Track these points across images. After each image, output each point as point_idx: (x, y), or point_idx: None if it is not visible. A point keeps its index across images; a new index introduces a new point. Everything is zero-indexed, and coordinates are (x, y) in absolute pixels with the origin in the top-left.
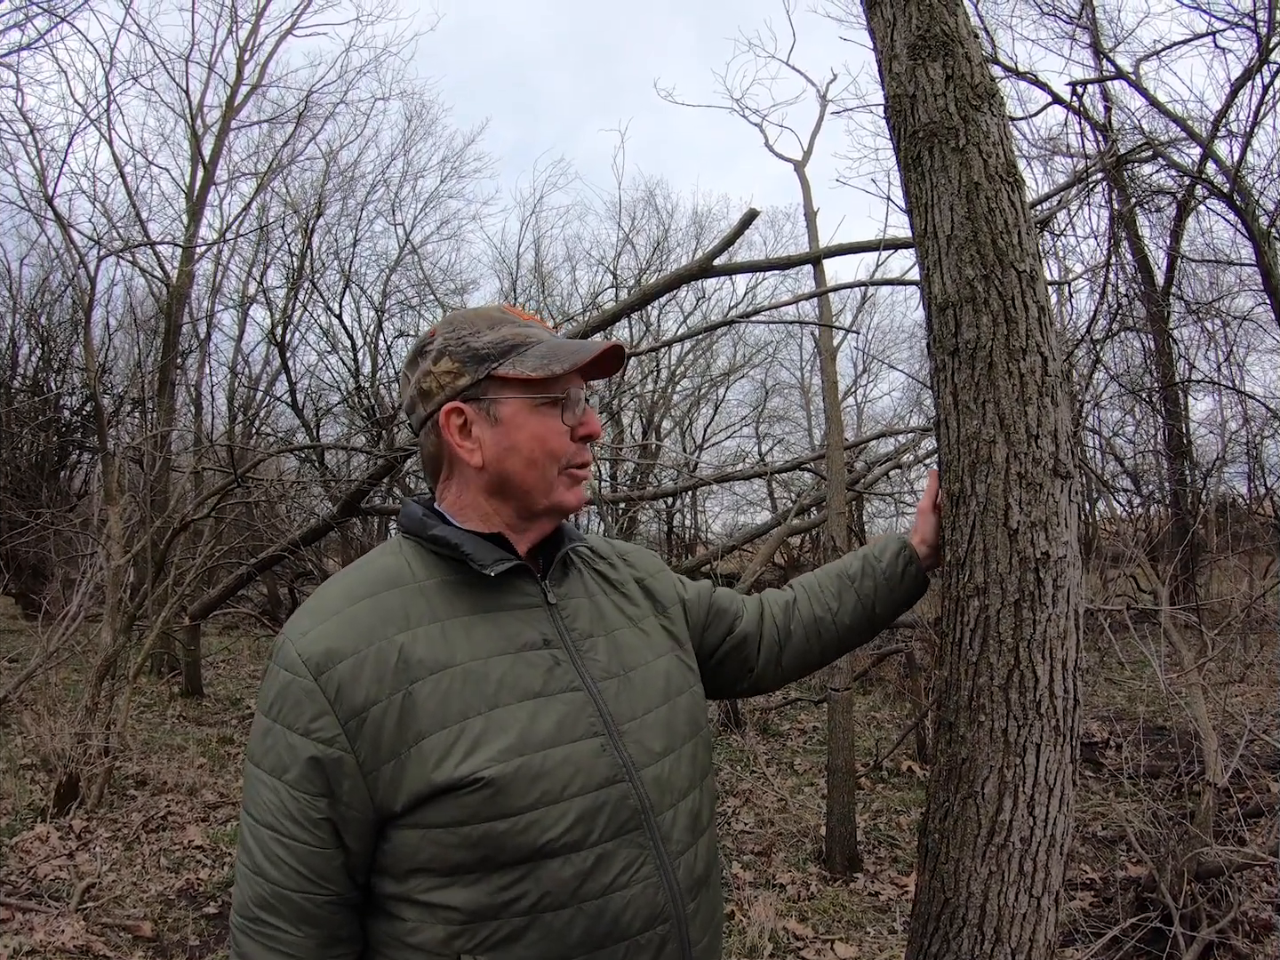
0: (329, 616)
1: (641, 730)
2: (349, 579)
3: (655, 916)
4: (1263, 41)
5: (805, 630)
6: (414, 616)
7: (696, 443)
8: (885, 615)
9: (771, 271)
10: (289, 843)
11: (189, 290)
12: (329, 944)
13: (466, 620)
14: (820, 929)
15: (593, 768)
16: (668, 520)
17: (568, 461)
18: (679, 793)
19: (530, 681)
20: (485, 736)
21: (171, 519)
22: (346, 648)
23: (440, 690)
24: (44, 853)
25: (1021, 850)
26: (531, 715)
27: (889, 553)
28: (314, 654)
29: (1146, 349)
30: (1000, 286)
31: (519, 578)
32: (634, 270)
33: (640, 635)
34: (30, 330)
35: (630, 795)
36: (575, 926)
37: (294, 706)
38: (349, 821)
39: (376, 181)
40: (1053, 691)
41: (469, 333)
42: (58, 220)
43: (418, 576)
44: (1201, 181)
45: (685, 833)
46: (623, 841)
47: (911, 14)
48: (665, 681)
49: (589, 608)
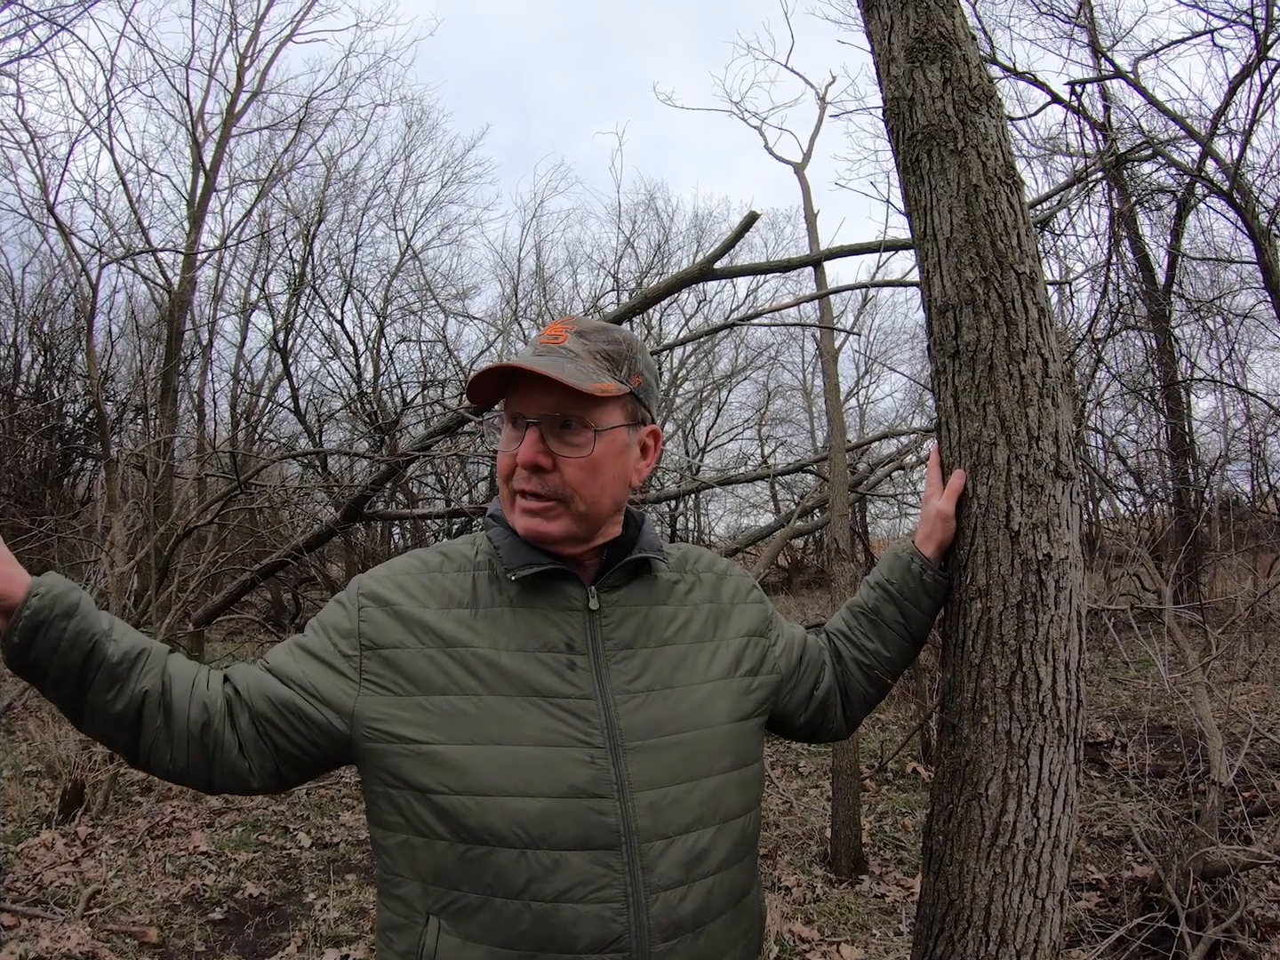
0: (395, 574)
1: (653, 751)
2: (428, 552)
3: (608, 942)
4: (1261, 39)
5: (855, 677)
6: (456, 597)
7: (699, 445)
8: (922, 629)
9: (772, 274)
10: (282, 661)
11: (191, 297)
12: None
13: (497, 611)
14: (826, 931)
15: (568, 775)
16: (671, 523)
17: (512, 486)
18: (680, 826)
19: (536, 680)
20: (473, 714)
21: (175, 525)
22: (390, 598)
23: (450, 662)
24: (49, 859)
25: (1026, 851)
26: (520, 711)
27: (899, 569)
28: (365, 592)
29: (1148, 348)
30: (1000, 288)
31: (562, 581)
32: (635, 273)
33: (695, 655)
34: (33, 338)
35: (611, 814)
36: (521, 921)
37: (335, 617)
38: (309, 696)
39: (377, 187)
40: (1055, 693)
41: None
42: (59, 228)
43: (476, 564)
44: (1201, 180)
45: (676, 869)
46: (587, 856)
47: (909, 16)
48: (705, 708)
49: (640, 619)
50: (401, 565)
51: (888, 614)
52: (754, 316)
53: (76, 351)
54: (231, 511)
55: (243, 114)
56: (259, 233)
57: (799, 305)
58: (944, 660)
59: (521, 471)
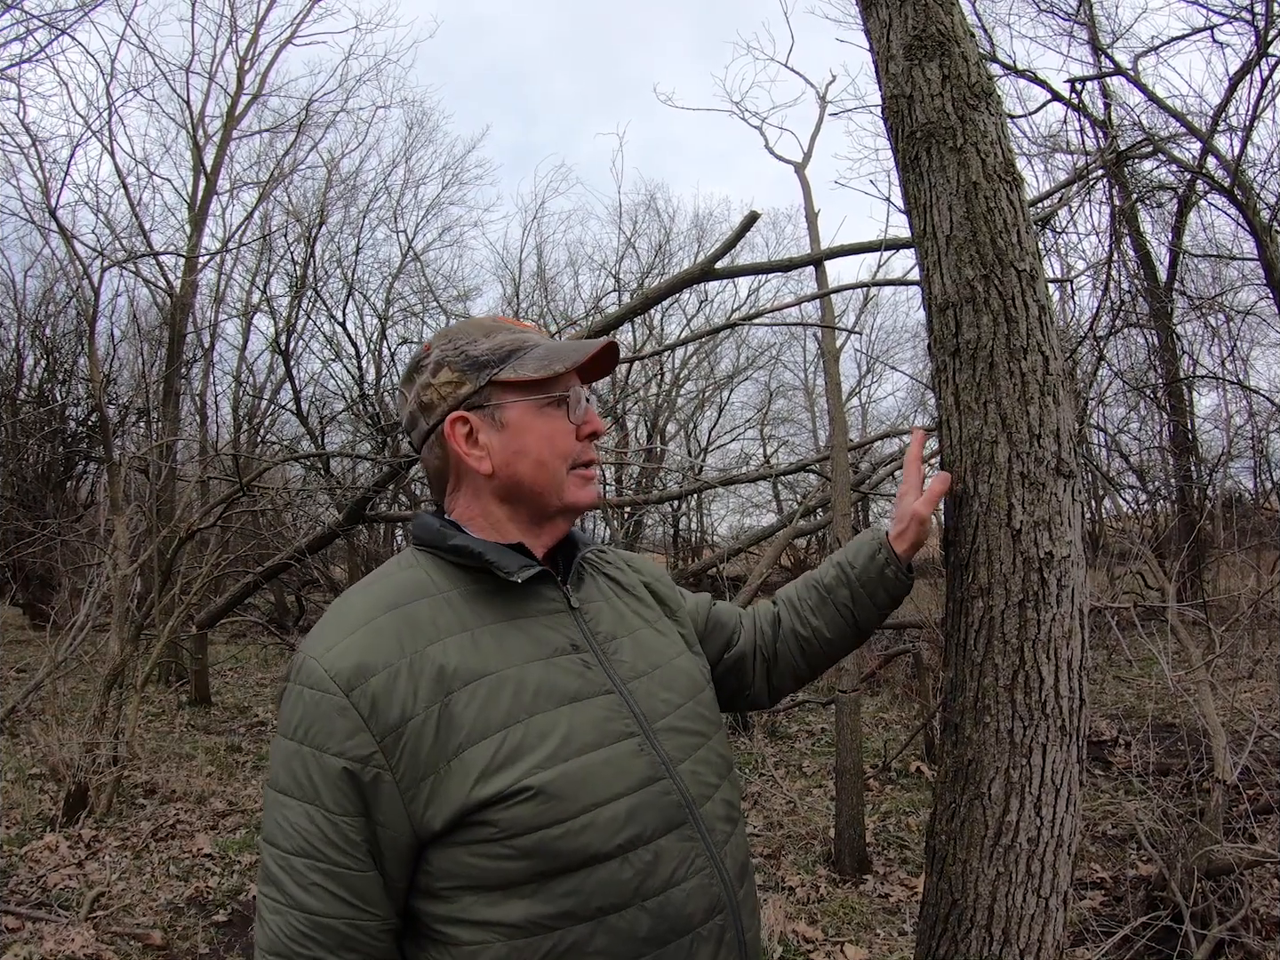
0: (355, 629)
1: (673, 727)
2: (370, 591)
3: (714, 907)
4: (1261, 35)
5: (790, 647)
6: (443, 626)
7: (701, 446)
8: (869, 621)
9: (774, 274)
10: (329, 868)
11: (192, 300)
12: None
13: (496, 628)
14: (830, 931)
15: (634, 767)
16: (674, 523)
17: (575, 460)
18: (713, 785)
19: (565, 686)
20: (526, 744)
21: (178, 528)
22: (378, 660)
23: (478, 699)
24: (53, 862)
25: (1029, 851)
26: (570, 720)
27: (863, 555)
28: (343, 668)
29: (1150, 345)
30: (1000, 286)
31: (541, 584)
32: (636, 274)
33: (658, 635)
34: (35, 341)
35: (672, 791)
36: (640, 925)
37: (324, 726)
38: (386, 843)
39: (378, 189)
40: (1058, 691)
41: (466, 342)
42: (61, 232)
43: (440, 588)
44: (1202, 176)
45: (724, 822)
46: (674, 836)
47: (907, 14)
48: (688, 678)
49: (609, 610)
50: (352, 619)
51: (840, 596)
52: (755, 316)
53: (79, 355)
54: (234, 514)
55: (243, 117)
56: (260, 235)
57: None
58: (946, 659)
59: (584, 444)
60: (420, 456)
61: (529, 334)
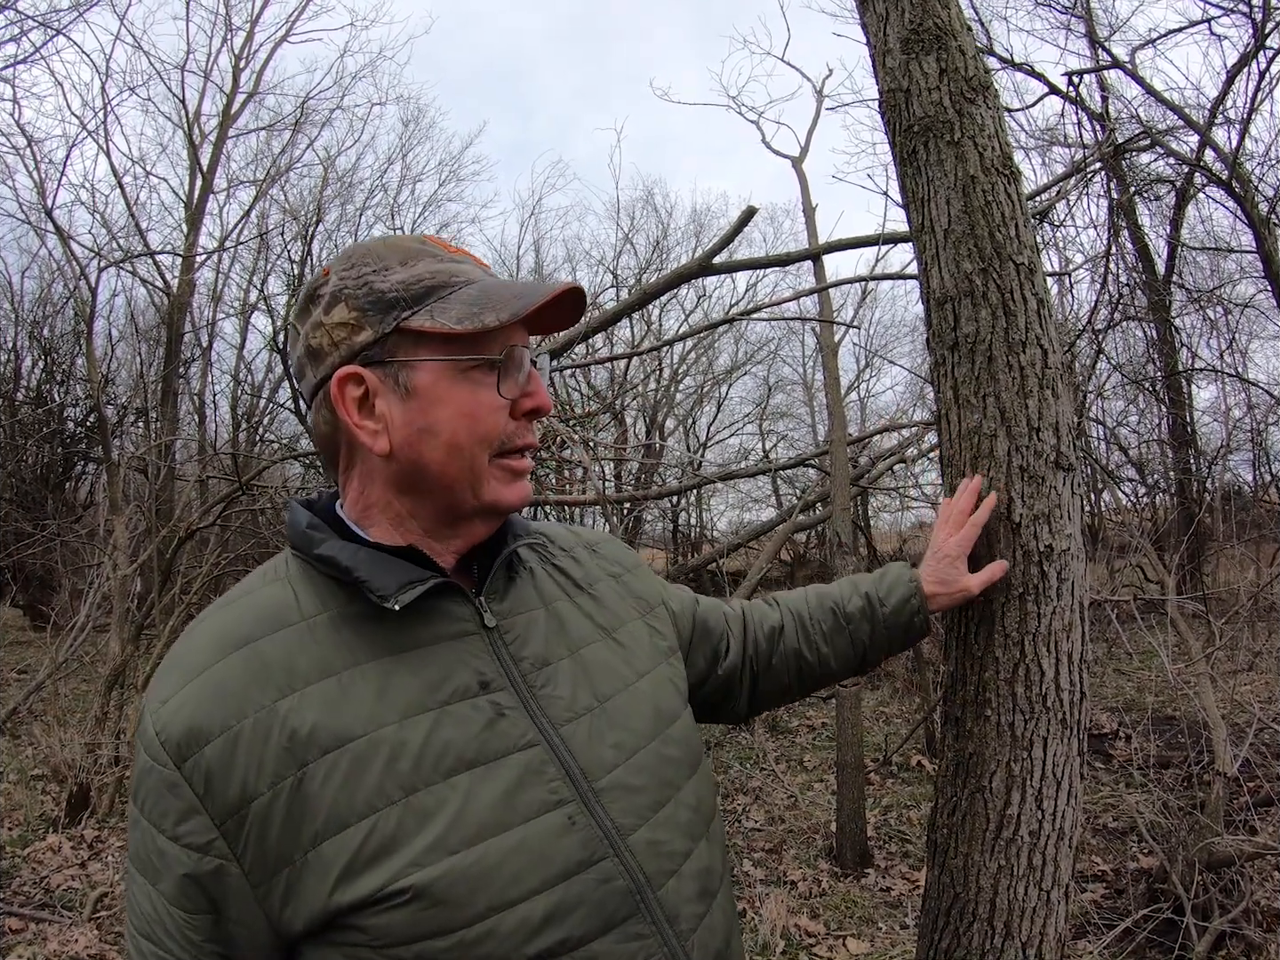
0: (192, 675)
1: (625, 782)
2: (221, 619)
3: None
4: (1258, 27)
5: (787, 666)
6: (301, 671)
7: (700, 441)
8: (877, 660)
9: (771, 268)
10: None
11: (190, 299)
12: None
13: (373, 668)
14: (832, 925)
15: (559, 850)
16: (673, 519)
17: (503, 445)
18: (682, 853)
19: (462, 746)
20: (403, 831)
21: (177, 528)
22: (214, 723)
23: (339, 773)
24: (56, 863)
25: (1030, 844)
26: (466, 793)
27: (895, 597)
28: (174, 733)
29: (1149, 338)
30: (999, 280)
31: (443, 599)
32: (634, 270)
33: (616, 649)
34: (33, 342)
35: (617, 875)
36: None
37: (157, 801)
38: (245, 943)
39: (375, 186)
40: (1059, 684)
41: (373, 270)
42: (57, 232)
43: (306, 611)
44: (1200, 169)
45: (695, 902)
46: (616, 936)
47: (904, 8)
48: (652, 708)
49: (544, 622)
50: (193, 661)
51: (860, 630)
52: (754, 311)
53: (77, 355)
54: (234, 513)
55: (239, 115)
56: (257, 234)
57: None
58: (946, 653)
59: (520, 424)
60: (308, 419)
61: (463, 264)
